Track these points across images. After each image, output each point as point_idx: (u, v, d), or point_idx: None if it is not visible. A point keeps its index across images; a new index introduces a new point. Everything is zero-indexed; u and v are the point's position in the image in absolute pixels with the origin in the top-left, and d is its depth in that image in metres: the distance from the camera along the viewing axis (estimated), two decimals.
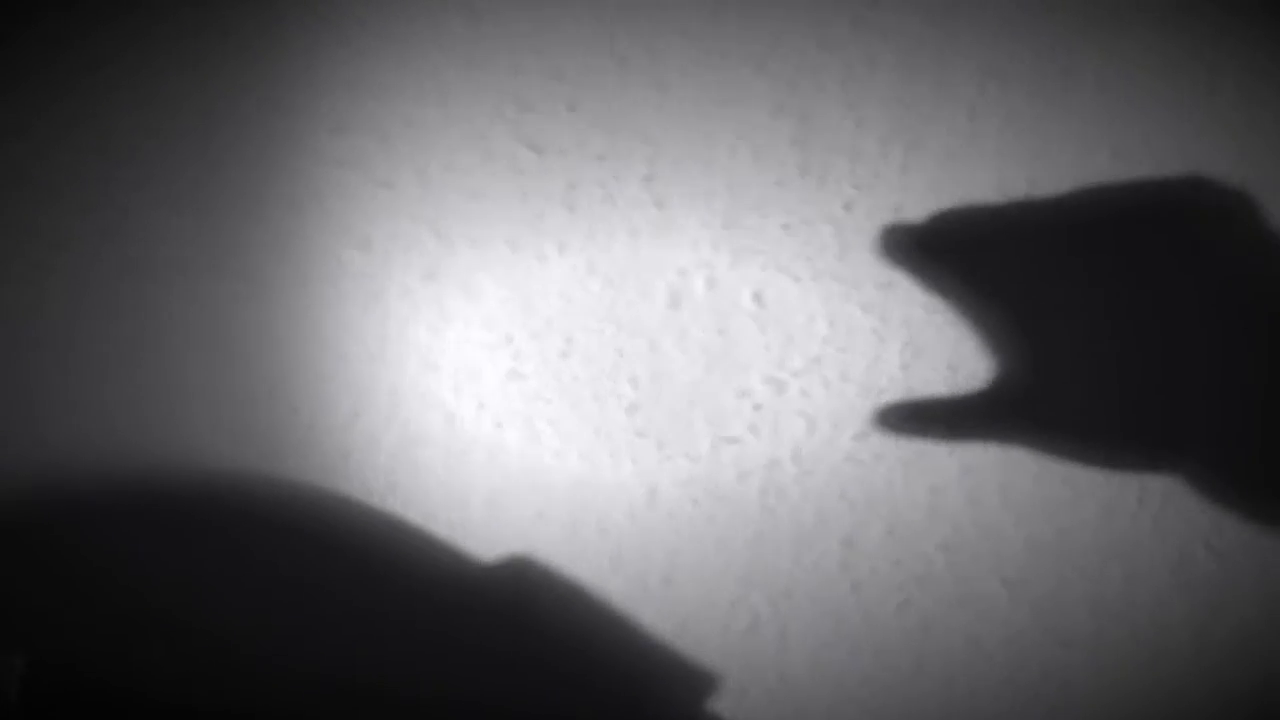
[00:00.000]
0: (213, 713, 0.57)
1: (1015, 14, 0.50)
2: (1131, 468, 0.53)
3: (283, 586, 0.56)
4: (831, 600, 0.56)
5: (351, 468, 0.54)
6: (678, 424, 0.54)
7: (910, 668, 0.56)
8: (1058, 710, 0.55)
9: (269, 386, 0.54)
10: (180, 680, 0.56)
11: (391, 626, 0.56)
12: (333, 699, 0.57)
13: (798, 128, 0.51)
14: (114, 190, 0.51)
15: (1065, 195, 0.51)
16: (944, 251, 0.51)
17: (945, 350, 0.53)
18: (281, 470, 0.54)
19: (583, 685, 0.56)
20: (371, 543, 0.55)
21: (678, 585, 0.56)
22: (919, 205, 0.52)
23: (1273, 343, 0.51)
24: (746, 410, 0.54)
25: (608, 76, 0.51)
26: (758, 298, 0.53)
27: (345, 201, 0.52)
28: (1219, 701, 0.54)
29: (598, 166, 0.52)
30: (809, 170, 0.52)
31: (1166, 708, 0.55)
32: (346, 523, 0.55)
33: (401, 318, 0.53)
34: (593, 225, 0.52)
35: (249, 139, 0.51)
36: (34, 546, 0.55)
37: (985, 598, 0.55)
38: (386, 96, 0.51)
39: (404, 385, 0.54)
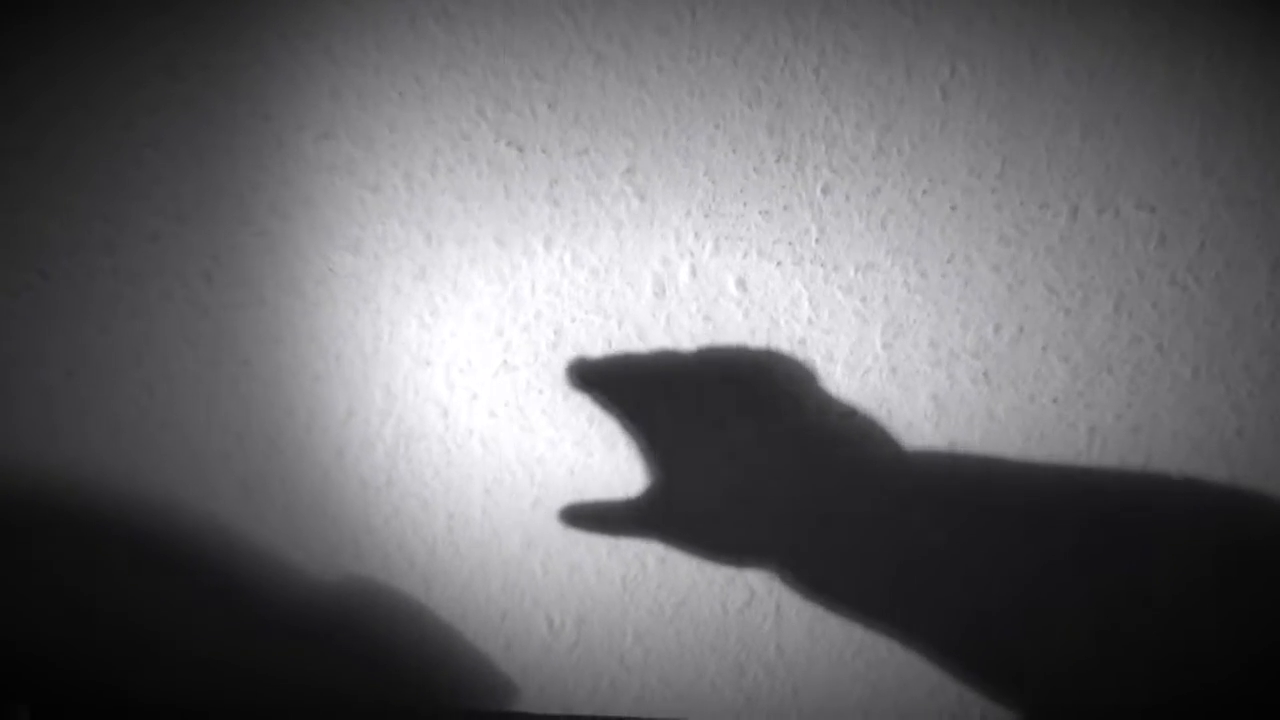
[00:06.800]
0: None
1: None
2: None
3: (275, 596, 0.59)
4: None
5: (349, 464, 0.57)
6: None
7: (902, 637, 0.59)
8: (1038, 675, 0.59)
9: (265, 388, 0.56)
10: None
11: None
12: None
13: (774, 115, 0.54)
14: (111, 201, 0.54)
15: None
16: None
17: (927, 328, 0.56)
18: (280, 470, 0.57)
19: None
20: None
21: (674, 565, 0.59)
22: (895, 187, 0.55)
23: None
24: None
25: (586, 73, 0.54)
26: (741, 283, 0.56)
27: (334, 206, 0.55)
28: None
29: (579, 162, 0.54)
30: (786, 156, 0.55)
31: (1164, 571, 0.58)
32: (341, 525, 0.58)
33: (393, 316, 0.56)
34: (577, 219, 0.55)
35: (239, 148, 0.54)
36: (43, 541, 0.58)
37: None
38: (370, 102, 0.54)
39: (398, 381, 0.57)
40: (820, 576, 0.59)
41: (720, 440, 0.57)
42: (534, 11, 0.53)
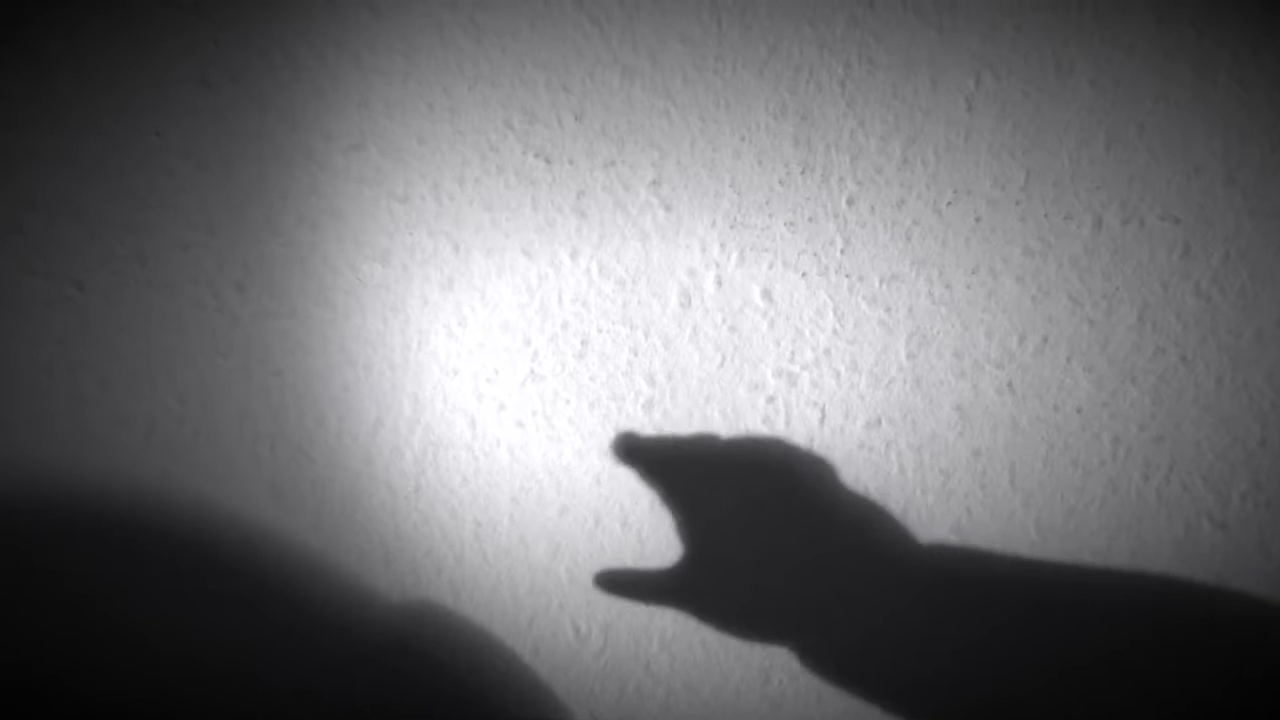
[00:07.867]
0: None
1: (1008, 8, 0.53)
2: None
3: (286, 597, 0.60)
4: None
5: (378, 472, 0.58)
6: (694, 419, 0.58)
7: (924, 649, 0.59)
8: (1065, 689, 0.59)
9: (296, 397, 0.57)
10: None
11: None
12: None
13: (799, 127, 0.55)
14: (143, 212, 0.55)
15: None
16: None
17: (951, 338, 0.57)
18: (311, 477, 0.58)
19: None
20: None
21: None
22: (920, 199, 0.55)
23: None
24: (760, 403, 0.58)
25: (613, 85, 0.54)
26: (767, 294, 0.56)
27: (363, 217, 0.55)
28: (1225, 667, 0.57)
29: (606, 173, 0.55)
30: (811, 168, 0.55)
31: (1175, 670, 0.58)
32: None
33: (422, 326, 0.57)
34: (603, 230, 0.56)
35: (269, 159, 0.55)
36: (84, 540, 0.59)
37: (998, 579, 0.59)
38: (399, 114, 0.54)
39: (426, 391, 0.57)
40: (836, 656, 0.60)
41: (744, 501, 0.58)
42: (561, 23, 0.54)
